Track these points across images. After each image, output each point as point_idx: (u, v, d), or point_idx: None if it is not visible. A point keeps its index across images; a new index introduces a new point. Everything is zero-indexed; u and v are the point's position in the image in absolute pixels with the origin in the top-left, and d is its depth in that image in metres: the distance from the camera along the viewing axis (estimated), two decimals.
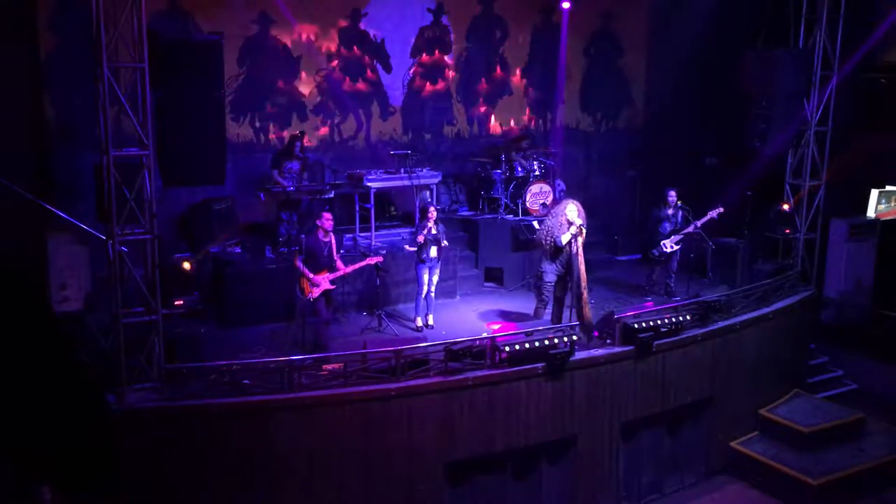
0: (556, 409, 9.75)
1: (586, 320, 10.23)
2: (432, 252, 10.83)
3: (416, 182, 12.53)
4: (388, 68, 13.83)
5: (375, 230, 12.48)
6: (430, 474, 9.22)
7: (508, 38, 14.82)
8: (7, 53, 10.12)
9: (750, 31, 13.42)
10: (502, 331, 9.86)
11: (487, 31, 14.64)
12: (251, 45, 12.63)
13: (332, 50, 13.30)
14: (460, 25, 14.40)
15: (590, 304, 10.42)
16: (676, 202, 12.15)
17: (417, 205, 12.66)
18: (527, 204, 13.49)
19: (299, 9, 12.57)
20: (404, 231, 12.76)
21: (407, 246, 11.44)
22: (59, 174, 10.98)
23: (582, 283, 10.22)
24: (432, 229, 10.75)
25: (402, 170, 12.59)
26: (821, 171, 12.57)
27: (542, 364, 9.51)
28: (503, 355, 9.37)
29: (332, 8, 13.22)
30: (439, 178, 13.05)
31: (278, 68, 12.88)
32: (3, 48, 10.08)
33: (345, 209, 12.50)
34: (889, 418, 12.22)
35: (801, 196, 12.62)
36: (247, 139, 12.80)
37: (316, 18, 13.06)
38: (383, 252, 11.04)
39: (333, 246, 10.05)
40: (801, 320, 12.51)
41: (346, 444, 8.79)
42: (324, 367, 8.94)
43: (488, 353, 9.40)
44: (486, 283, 13.13)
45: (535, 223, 12.63)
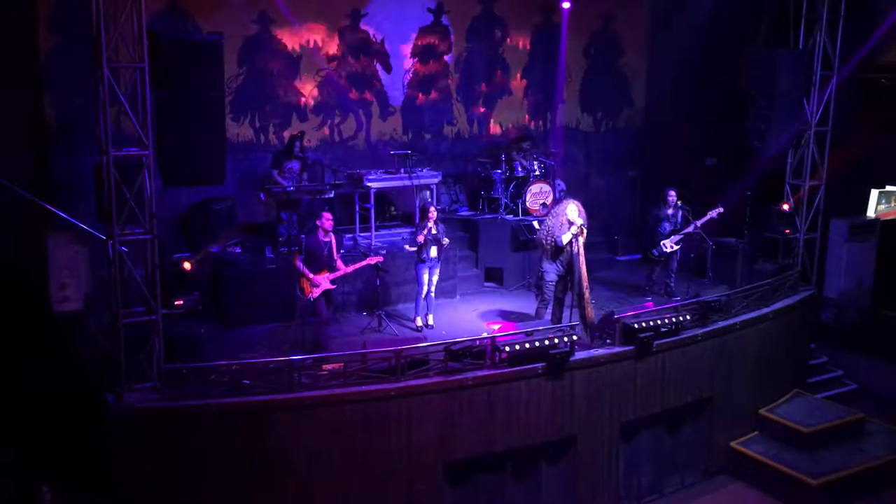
0: (556, 409, 9.75)
1: (589, 320, 10.24)
2: (432, 252, 10.84)
3: (416, 182, 12.53)
4: (388, 68, 13.83)
5: (375, 230, 12.48)
6: (430, 474, 9.22)
7: (508, 38, 14.80)
8: (7, 53, 10.13)
9: (750, 31, 13.43)
10: (502, 331, 9.87)
11: (487, 31, 14.62)
12: (251, 45, 12.63)
13: (332, 50, 13.29)
14: (460, 25, 14.40)
15: (591, 304, 10.42)
16: (676, 202, 12.16)
17: (417, 205, 12.67)
18: (527, 204, 13.50)
19: (299, 9, 12.56)
20: (404, 231, 12.76)
21: (407, 246, 11.45)
22: (59, 174, 10.98)
23: (583, 282, 10.23)
24: (432, 229, 10.77)
25: (402, 170, 12.59)
26: (821, 171, 12.58)
27: (542, 364, 9.51)
28: (503, 355, 9.37)
29: (332, 8, 13.21)
30: (439, 178, 13.05)
31: (278, 68, 12.88)
32: (3, 48, 10.08)
33: (345, 209, 12.51)
34: (889, 418, 12.22)
35: (801, 196, 12.62)
36: (247, 139, 12.80)
37: (316, 18, 13.05)
38: (383, 252, 11.04)
39: (333, 246, 10.05)
40: (801, 320, 12.51)
41: (346, 444, 8.79)
42: (324, 367, 8.95)
43: (488, 353, 9.40)
44: (486, 283, 13.13)
45: (535, 223, 12.65)
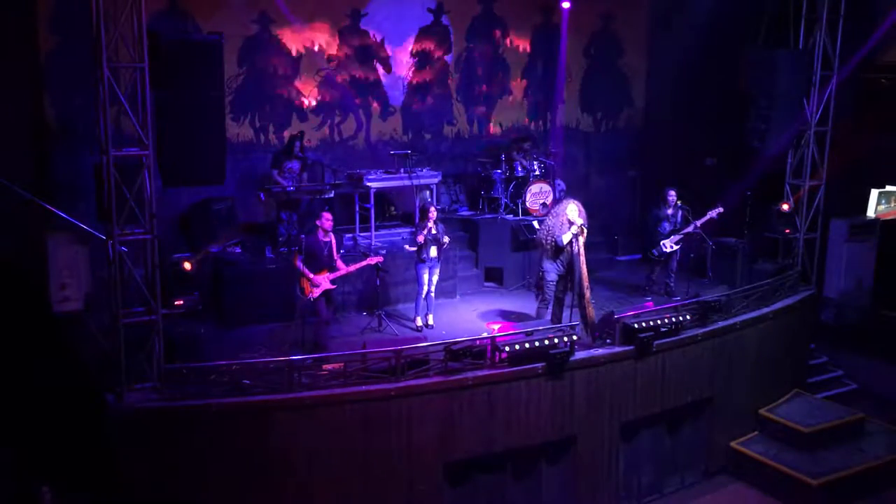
0: (556, 409, 9.75)
1: (590, 320, 10.24)
2: (432, 252, 10.84)
3: (416, 182, 12.53)
4: (388, 68, 13.83)
5: (375, 230, 12.49)
6: (430, 474, 9.22)
7: (508, 38, 14.81)
8: (7, 53, 10.13)
9: (750, 31, 13.42)
10: (502, 331, 9.87)
11: (487, 31, 14.62)
12: (251, 45, 12.63)
13: (332, 50, 13.28)
14: (460, 25, 14.39)
15: (592, 304, 10.42)
16: (676, 202, 12.16)
17: (417, 205, 12.67)
18: (527, 204, 13.50)
19: (299, 9, 12.57)
20: (404, 231, 12.76)
21: (407, 246, 11.45)
22: (59, 174, 10.97)
23: (584, 282, 10.23)
24: (432, 229, 10.77)
25: (402, 170, 12.60)
26: (821, 171, 12.58)
27: (542, 364, 9.51)
28: (503, 355, 9.37)
29: (332, 8, 13.21)
30: (439, 178, 13.05)
31: (278, 68, 12.88)
32: (3, 48, 10.08)
33: (345, 209, 12.51)
34: (889, 418, 12.23)
35: (800, 195, 12.62)
36: (247, 139, 12.80)
37: (316, 18, 13.04)
38: (383, 252, 11.05)
39: (333, 246, 10.05)
40: (801, 320, 12.51)
41: (346, 444, 8.79)
42: (324, 367, 8.95)
43: (488, 353, 9.40)
44: (486, 283, 13.13)
45: (535, 223, 12.65)
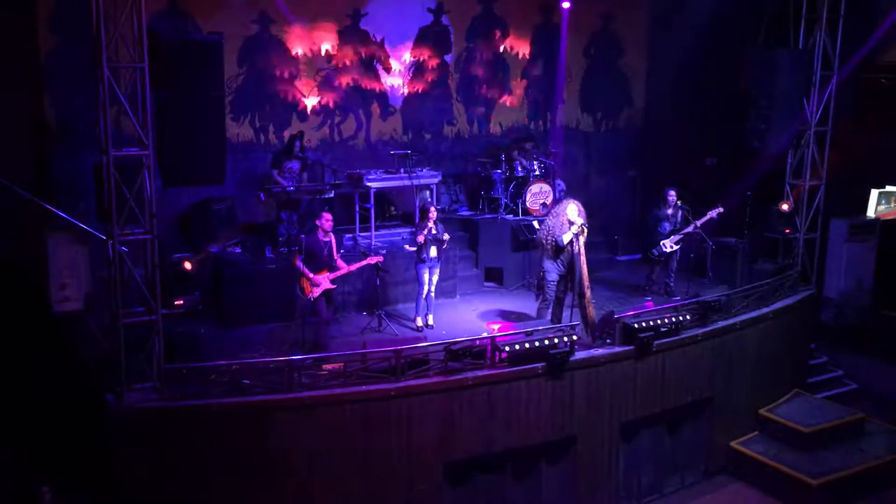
0: (556, 409, 9.75)
1: (590, 320, 10.24)
2: (432, 252, 10.85)
3: (416, 182, 12.53)
4: (388, 68, 13.83)
5: (375, 230, 12.49)
6: (430, 474, 9.22)
7: (508, 38, 14.81)
8: (7, 53, 10.13)
9: (750, 31, 13.42)
10: (502, 331, 9.86)
11: (487, 31, 14.63)
12: (251, 45, 12.63)
13: (332, 50, 13.29)
14: (460, 25, 14.39)
15: (592, 303, 10.41)
16: (676, 202, 12.16)
17: (417, 205, 12.67)
18: (527, 204, 13.50)
19: (299, 9, 12.57)
20: (404, 231, 12.76)
21: (407, 246, 11.45)
22: (59, 174, 10.97)
23: (584, 282, 10.23)
24: (432, 229, 10.77)
25: (402, 170, 12.60)
26: (821, 170, 12.58)
27: (542, 364, 9.51)
28: (503, 355, 9.37)
29: (332, 8, 13.21)
30: (439, 178, 13.05)
31: (278, 68, 12.88)
32: (3, 48, 10.08)
33: (345, 209, 12.50)
34: (889, 418, 12.23)
35: (799, 194, 12.61)
36: (247, 139, 12.80)
37: (316, 18, 13.04)
38: (383, 252, 11.05)
39: (333, 246, 10.06)
40: (801, 320, 12.50)
41: (346, 444, 8.79)
42: (324, 367, 8.95)
43: (488, 353, 9.40)
44: (486, 283, 13.13)
45: (535, 223, 12.65)
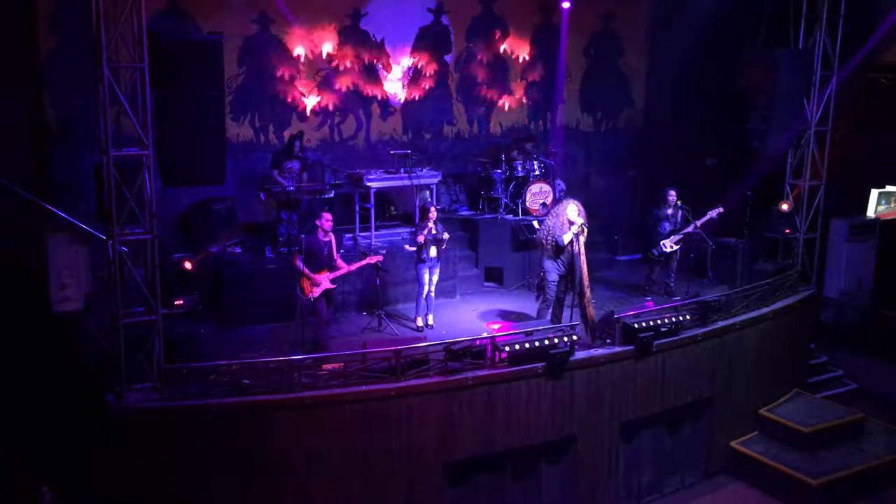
0: (556, 409, 9.75)
1: (590, 320, 10.24)
2: (432, 252, 10.85)
3: (416, 182, 12.53)
4: (388, 68, 13.83)
5: (375, 230, 12.49)
6: (430, 474, 9.22)
7: (508, 38, 14.81)
8: (7, 53, 10.13)
9: (750, 31, 13.42)
10: (502, 331, 9.86)
11: (487, 31, 14.62)
12: (251, 45, 12.62)
13: (332, 50, 13.29)
14: (460, 25, 14.39)
15: (592, 303, 10.41)
16: (676, 202, 12.16)
17: (417, 205, 12.67)
18: (527, 204, 13.50)
19: (299, 9, 12.56)
20: (404, 231, 12.76)
21: (407, 246, 11.46)
22: (59, 174, 10.97)
23: (584, 282, 10.23)
24: (432, 229, 10.77)
25: (402, 170, 12.59)
26: (821, 171, 12.58)
27: (542, 364, 9.51)
28: (503, 355, 9.37)
29: (332, 8, 13.21)
30: (439, 178, 13.05)
31: (278, 68, 12.88)
32: (3, 48, 10.08)
33: (345, 209, 12.50)
34: (889, 418, 12.23)
35: (799, 194, 12.61)
36: (247, 139, 12.80)
37: (316, 18, 13.03)
38: (383, 252, 11.05)
39: (333, 246, 10.06)
40: (801, 320, 12.50)
41: (346, 444, 8.80)
42: (324, 367, 8.95)
43: (488, 353, 9.40)
44: (486, 283, 13.13)
45: (535, 223, 12.65)
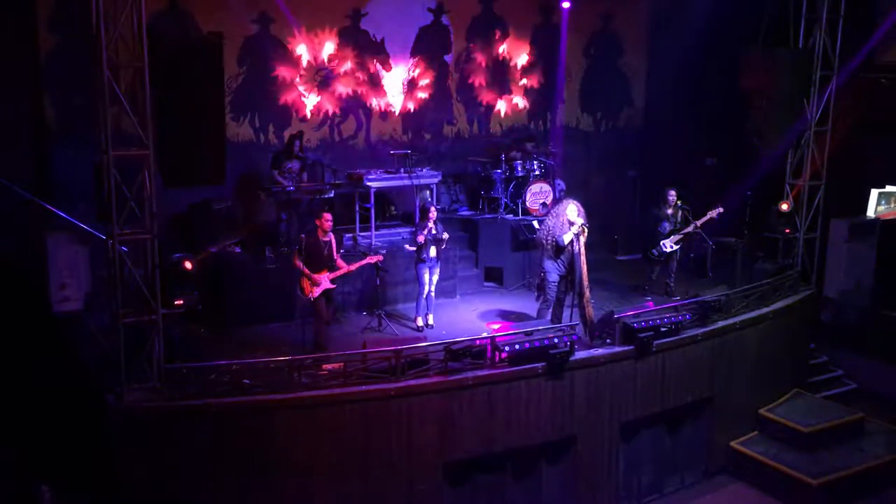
0: (556, 409, 9.75)
1: (590, 320, 10.24)
2: (432, 252, 10.85)
3: (416, 182, 12.54)
4: (388, 68, 13.83)
5: (375, 230, 12.49)
6: (430, 474, 9.23)
7: (508, 38, 14.81)
8: (7, 53, 10.13)
9: (750, 31, 13.41)
10: (502, 331, 9.86)
11: (487, 31, 14.63)
12: (251, 45, 12.63)
13: (332, 50, 13.29)
14: (460, 25, 14.40)
15: (591, 303, 10.42)
16: (676, 202, 12.16)
17: (417, 205, 12.68)
18: (527, 203, 13.50)
19: (299, 9, 12.56)
20: (404, 231, 12.76)
21: (407, 246, 11.46)
22: (59, 174, 10.97)
23: (584, 282, 10.23)
24: (432, 229, 10.77)
25: (402, 170, 12.60)
26: (821, 171, 12.57)
27: (542, 364, 9.51)
28: (503, 355, 9.37)
29: (332, 8, 13.22)
30: (439, 178, 13.06)
31: (278, 68, 12.88)
32: (3, 48, 10.09)
33: (345, 209, 12.50)
34: (889, 418, 12.23)
35: (798, 193, 12.60)
36: (247, 139, 12.80)
37: (316, 18, 13.04)
38: (383, 252, 11.05)
39: (333, 245, 10.07)
40: (801, 320, 12.51)
41: (346, 443, 8.80)
42: (324, 367, 8.94)
43: (488, 353, 9.40)
44: (486, 283, 13.13)
45: (535, 223, 12.65)
